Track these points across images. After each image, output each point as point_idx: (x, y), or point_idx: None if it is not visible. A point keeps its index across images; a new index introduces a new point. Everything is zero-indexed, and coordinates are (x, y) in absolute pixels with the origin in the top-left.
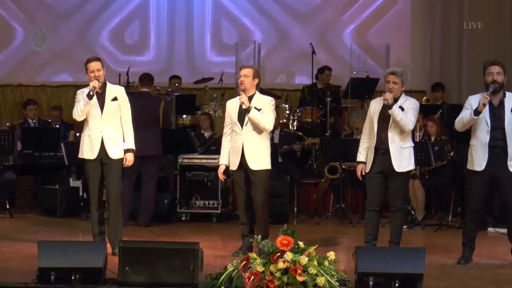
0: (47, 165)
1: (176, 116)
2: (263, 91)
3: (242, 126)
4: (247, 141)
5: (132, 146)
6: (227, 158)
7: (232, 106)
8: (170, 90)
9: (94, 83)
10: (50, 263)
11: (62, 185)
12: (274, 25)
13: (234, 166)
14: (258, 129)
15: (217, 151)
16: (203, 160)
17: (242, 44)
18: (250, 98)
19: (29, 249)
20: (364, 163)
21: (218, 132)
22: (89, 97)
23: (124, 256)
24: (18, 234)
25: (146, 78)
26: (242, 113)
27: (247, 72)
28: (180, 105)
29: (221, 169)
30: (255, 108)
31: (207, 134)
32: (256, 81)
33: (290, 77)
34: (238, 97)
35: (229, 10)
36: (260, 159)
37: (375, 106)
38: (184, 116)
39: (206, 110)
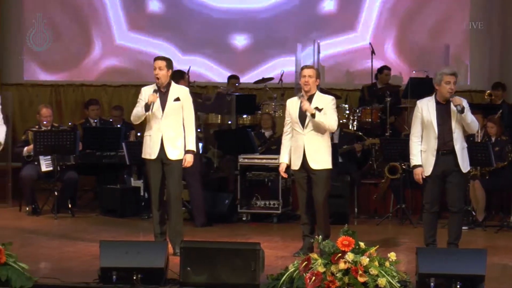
0: (108, 164)
1: (236, 116)
2: (323, 91)
3: (303, 125)
4: (309, 141)
5: (193, 148)
6: (287, 157)
7: (292, 105)
8: (231, 90)
9: (152, 97)
10: (111, 263)
11: (123, 185)
12: (332, 24)
13: (295, 166)
14: (319, 129)
15: (278, 151)
16: (264, 160)
17: (301, 43)
18: (311, 98)
19: (91, 248)
20: (421, 166)
21: (278, 132)
22: (147, 108)
23: (185, 257)
24: (80, 234)
25: (178, 74)
26: (303, 113)
27: (311, 72)
28: (240, 105)
29: (282, 167)
30: (317, 108)
31: (267, 134)
32: (318, 81)
33: (349, 77)
34: (297, 96)
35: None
36: (321, 158)
37: (427, 107)
38: (244, 116)
39: (266, 110)
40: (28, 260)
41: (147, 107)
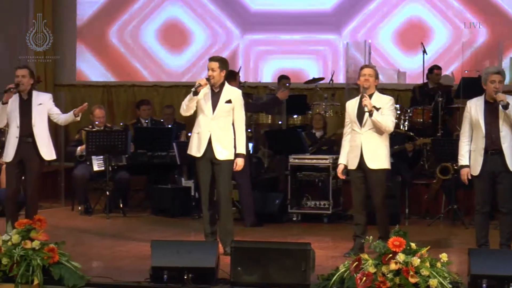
0: (159, 164)
1: (287, 116)
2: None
3: (360, 124)
4: (366, 140)
5: (243, 151)
6: (346, 158)
7: (352, 105)
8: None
9: (201, 81)
10: (163, 262)
11: (174, 185)
12: (383, 24)
13: (352, 166)
14: (377, 128)
15: (328, 151)
16: (314, 160)
17: (352, 43)
18: (369, 97)
19: (142, 248)
20: (468, 166)
21: (329, 132)
22: (194, 93)
23: (236, 256)
24: (131, 233)
25: (230, 75)
26: (361, 112)
27: (370, 72)
28: (291, 105)
29: (340, 168)
30: (375, 107)
31: (318, 134)
32: (377, 81)
33: (400, 77)
34: (357, 98)
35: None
36: (378, 158)
37: (476, 107)
38: (295, 116)
39: (317, 111)
40: (80, 259)
41: (194, 91)
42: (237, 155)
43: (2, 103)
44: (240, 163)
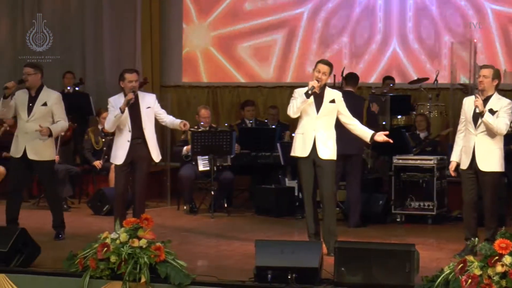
0: (263, 165)
1: (390, 116)
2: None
3: (475, 126)
4: (479, 142)
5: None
6: (458, 156)
7: (468, 104)
8: (385, 91)
9: (314, 83)
10: (267, 262)
11: (278, 185)
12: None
13: (464, 165)
14: (491, 130)
15: (432, 153)
16: (418, 161)
17: (457, 42)
18: (487, 99)
19: (246, 247)
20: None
21: (434, 133)
22: (307, 95)
23: (339, 257)
24: (235, 233)
25: (351, 78)
26: (477, 113)
27: (486, 72)
28: (395, 106)
29: (452, 166)
30: (490, 110)
31: (422, 135)
32: (496, 82)
33: (507, 77)
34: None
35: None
36: (490, 160)
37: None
38: (399, 116)
39: (421, 111)
40: (186, 258)
41: (307, 93)
42: (373, 135)
43: (122, 110)
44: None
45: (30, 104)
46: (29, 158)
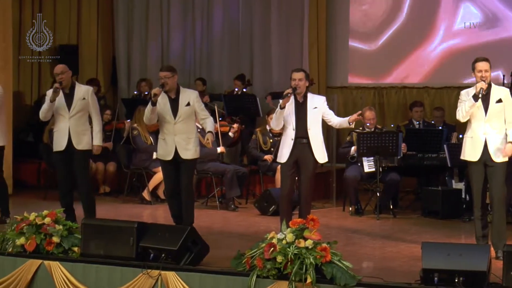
0: (429, 166)
1: None
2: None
3: None
4: None
5: None
6: None
7: None
8: None
9: (482, 85)
10: (433, 264)
11: (445, 187)
12: None
13: None
14: None
15: None
16: None
17: None
18: None
19: (412, 249)
20: None
21: None
22: (475, 98)
23: (509, 260)
24: (401, 235)
25: None
26: None
27: None
28: None
29: None
30: None
31: None
32: None
33: None
34: None
35: None
36: None
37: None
38: None
39: None
40: (351, 259)
41: (475, 96)
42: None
43: (280, 107)
44: None
45: (174, 107)
46: (183, 158)
